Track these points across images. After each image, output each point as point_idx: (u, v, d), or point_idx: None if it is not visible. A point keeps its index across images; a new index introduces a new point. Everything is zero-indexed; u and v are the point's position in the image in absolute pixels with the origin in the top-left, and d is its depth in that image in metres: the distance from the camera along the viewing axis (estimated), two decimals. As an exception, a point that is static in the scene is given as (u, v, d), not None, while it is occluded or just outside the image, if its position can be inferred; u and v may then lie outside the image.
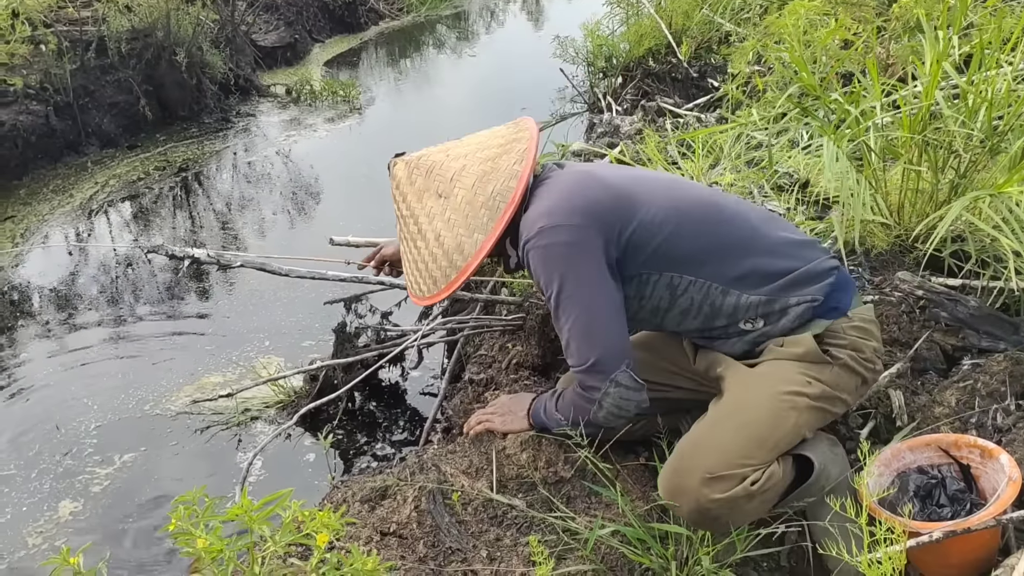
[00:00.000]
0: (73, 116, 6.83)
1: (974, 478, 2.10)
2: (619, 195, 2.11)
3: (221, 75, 8.03)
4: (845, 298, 2.14)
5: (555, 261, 2.04)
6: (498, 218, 2.10)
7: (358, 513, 2.13)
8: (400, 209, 2.26)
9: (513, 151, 2.18)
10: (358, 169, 6.50)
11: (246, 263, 2.66)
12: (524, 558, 2.01)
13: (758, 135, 3.70)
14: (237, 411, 3.53)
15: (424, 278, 2.21)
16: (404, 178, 2.25)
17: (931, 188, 2.91)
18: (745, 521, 2.01)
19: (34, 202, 6.05)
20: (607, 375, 2.05)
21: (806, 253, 2.15)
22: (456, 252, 2.13)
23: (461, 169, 2.17)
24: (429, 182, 2.20)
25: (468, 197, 2.13)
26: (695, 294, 2.11)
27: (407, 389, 3.69)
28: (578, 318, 2.05)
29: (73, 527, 3.02)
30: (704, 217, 2.14)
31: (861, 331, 2.12)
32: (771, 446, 1.98)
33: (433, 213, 2.17)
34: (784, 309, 2.09)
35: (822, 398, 2.04)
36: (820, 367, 2.06)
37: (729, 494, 1.91)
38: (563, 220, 2.04)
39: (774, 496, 2.01)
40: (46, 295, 4.80)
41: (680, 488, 1.96)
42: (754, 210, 2.27)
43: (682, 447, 2.02)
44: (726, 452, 1.95)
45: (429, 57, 10.44)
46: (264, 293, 4.58)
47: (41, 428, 3.56)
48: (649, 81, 6.06)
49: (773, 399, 2.01)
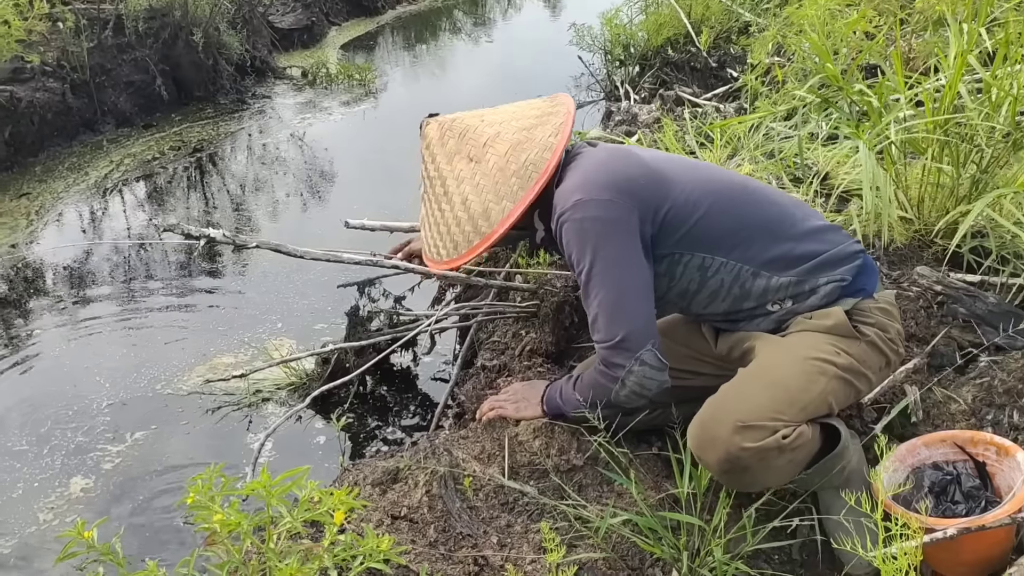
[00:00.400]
0: (89, 94, 6.84)
1: (989, 476, 2.08)
2: (655, 173, 2.11)
3: (237, 56, 8.02)
4: (871, 281, 2.14)
5: (589, 235, 2.03)
6: (529, 187, 2.08)
7: (369, 496, 2.12)
8: (428, 169, 2.24)
9: (549, 124, 2.16)
10: (372, 154, 6.49)
11: (261, 244, 2.66)
12: (535, 545, 2.00)
13: (776, 126, 3.67)
14: (248, 392, 3.53)
15: (445, 241, 2.18)
16: (436, 139, 2.22)
17: (952, 183, 2.89)
18: (772, 480, 2.00)
19: (49, 179, 6.06)
20: (632, 353, 2.03)
21: (833, 237, 2.16)
22: (482, 218, 2.11)
23: (495, 136, 2.15)
24: (461, 145, 2.18)
25: (500, 164, 2.11)
26: (725, 276, 2.11)
27: (418, 374, 3.69)
28: (608, 294, 2.03)
29: (84, 503, 3.03)
30: (737, 200, 2.14)
31: (886, 313, 2.12)
32: (801, 406, 1.96)
33: (462, 176, 2.15)
34: (813, 289, 2.10)
35: (849, 370, 2.03)
36: (849, 341, 2.06)
37: (761, 444, 1.89)
38: (599, 194, 2.03)
39: (803, 458, 1.99)
40: (60, 272, 4.82)
41: (710, 437, 1.94)
42: (782, 195, 2.27)
43: (711, 401, 2.00)
44: (758, 405, 1.93)
45: (445, 42, 10.41)
46: (277, 275, 4.58)
47: (53, 405, 3.57)
48: (668, 70, 6.04)
49: (803, 362, 2.01)
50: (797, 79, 3.68)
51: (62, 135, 6.62)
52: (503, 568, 1.92)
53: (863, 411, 2.39)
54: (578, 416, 2.21)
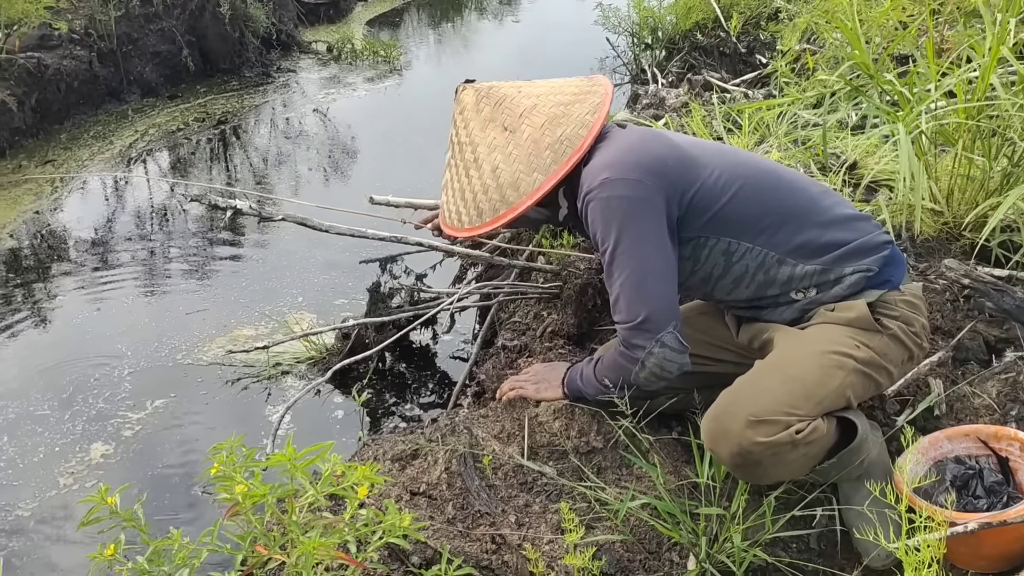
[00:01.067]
0: (116, 63, 6.86)
1: (1012, 471, 2.07)
2: (684, 156, 2.09)
3: (263, 29, 8.03)
4: (898, 272, 2.12)
5: (615, 214, 2.01)
6: (562, 162, 2.07)
7: (388, 471, 2.13)
8: (459, 135, 2.22)
9: (586, 102, 2.14)
10: (396, 131, 6.48)
11: (287, 216, 2.66)
12: (552, 525, 2.00)
13: (805, 114, 3.64)
14: (269, 364, 3.55)
15: (468, 208, 2.16)
16: (471, 104, 2.20)
17: (982, 176, 2.85)
18: (785, 474, 1.98)
19: (74, 147, 6.09)
20: (653, 334, 2.02)
21: (862, 226, 2.13)
22: (511, 187, 2.09)
23: (532, 107, 2.14)
24: (497, 113, 2.16)
25: (535, 136, 2.10)
26: (750, 262, 2.09)
27: (437, 352, 3.69)
28: (631, 274, 2.02)
29: (104, 469, 3.06)
30: (765, 185, 2.11)
31: (911, 306, 2.10)
32: (817, 401, 1.94)
33: (495, 145, 2.13)
34: (839, 278, 2.08)
35: (870, 364, 2.01)
36: (870, 334, 2.03)
37: (773, 439, 1.87)
38: (627, 174, 2.01)
39: (817, 453, 1.97)
40: (82, 240, 4.85)
41: (723, 430, 1.92)
42: (812, 182, 2.24)
43: (725, 394, 1.98)
44: (772, 399, 1.91)
45: (471, 21, 10.38)
46: (298, 250, 4.60)
47: (75, 371, 3.60)
48: (696, 54, 5.99)
49: (821, 356, 1.98)
50: (828, 67, 3.64)
51: (88, 103, 6.65)
52: (521, 547, 1.92)
53: (886, 403, 2.38)
54: (598, 399, 2.21)
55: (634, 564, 1.97)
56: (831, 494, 2.13)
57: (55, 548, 2.74)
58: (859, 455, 2.02)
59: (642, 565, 1.98)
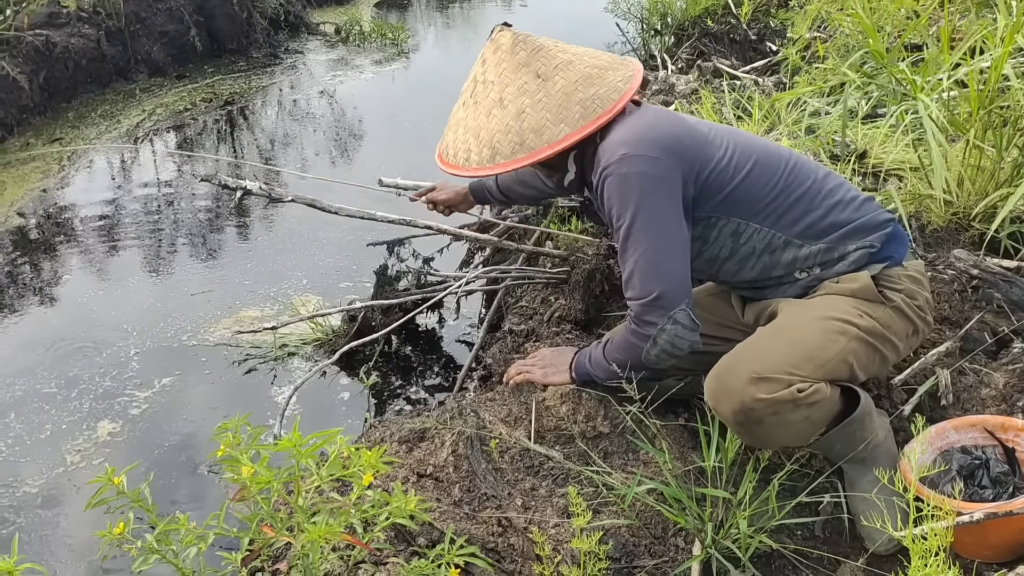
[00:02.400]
0: (124, 42, 6.85)
1: (1018, 462, 2.07)
2: (699, 136, 2.11)
3: (272, 10, 8.01)
4: (900, 250, 2.15)
5: (633, 190, 2.02)
6: (591, 119, 2.07)
7: (395, 453, 2.14)
8: (486, 73, 2.18)
9: (619, 71, 2.15)
10: (403, 114, 6.46)
11: (297, 198, 2.66)
12: (558, 509, 2.01)
13: (814, 102, 3.63)
14: (275, 346, 3.55)
15: (481, 146, 2.13)
16: (507, 46, 2.16)
17: (993, 166, 2.84)
18: (787, 437, 1.99)
19: (82, 126, 6.08)
20: (667, 311, 2.04)
21: (865, 206, 2.17)
22: (533, 133, 2.08)
23: (568, 62, 2.13)
24: (532, 59, 2.13)
25: (567, 88, 2.09)
26: (757, 243, 2.12)
27: (443, 336, 3.69)
28: (647, 251, 2.03)
29: (111, 447, 3.07)
30: (774, 167, 2.14)
31: (914, 280, 2.12)
32: (819, 363, 1.96)
33: (526, 89, 2.10)
34: (843, 256, 2.11)
35: (872, 333, 2.03)
36: (873, 305, 2.06)
37: (775, 396, 1.89)
38: (646, 151, 2.02)
39: (820, 417, 1.98)
40: (89, 219, 4.85)
41: (725, 387, 1.95)
42: (817, 166, 2.26)
43: (729, 355, 2.01)
44: (774, 358, 1.94)
45: (479, 5, 10.33)
46: (303, 233, 4.59)
47: (82, 350, 3.61)
48: (706, 41, 5.97)
49: (823, 321, 2.01)
50: (839, 55, 3.62)
51: (95, 82, 6.64)
52: (527, 530, 1.93)
53: (892, 392, 2.38)
54: (606, 384, 2.21)
55: (640, 549, 1.98)
56: (837, 480, 2.13)
57: (62, 525, 2.75)
58: (863, 430, 2.04)
59: (647, 550, 1.98)
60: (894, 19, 3.75)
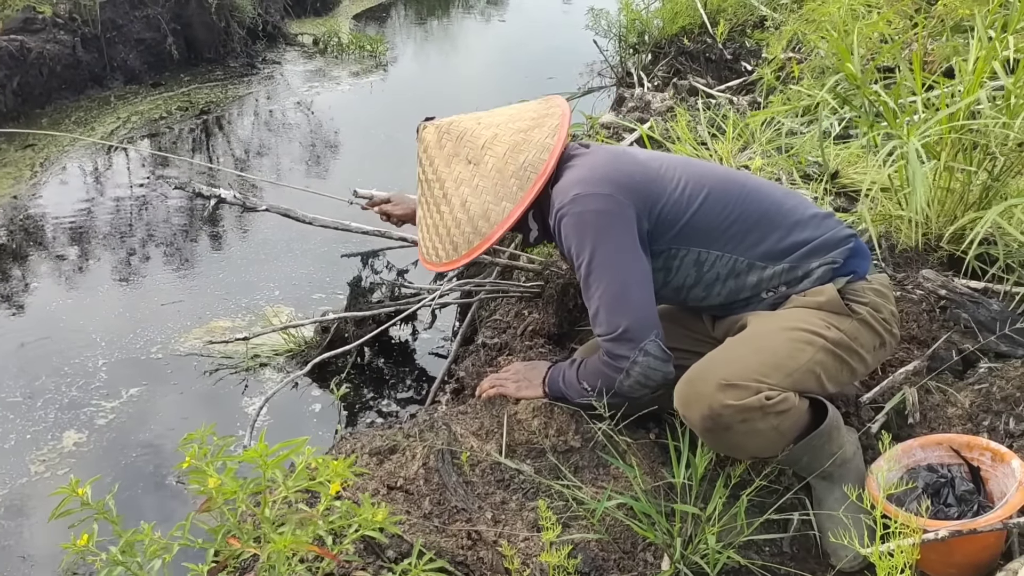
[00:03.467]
0: (100, 49, 6.81)
1: (983, 480, 2.09)
2: (650, 170, 2.15)
3: (250, 20, 8.00)
4: (863, 264, 2.18)
5: (588, 228, 2.05)
6: (528, 188, 2.11)
7: (366, 465, 2.13)
8: (425, 173, 2.26)
9: (545, 125, 2.19)
10: (379, 127, 6.46)
11: (271, 208, 2.65)
12: (528, 523, 2.01)
13: (789, 122, 3.67)
14: (247, 356, 3.53)
15: (444, 243, 2.20)
16: (433, 142, 2.24)
17: (962, 188, 2.88)
18: (756, 446, 2.00)
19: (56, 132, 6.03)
20: (636, 344, 2.06)
21: (825, 223, 2.19)
22: (482, 219, 2.13)
23: (493, 138, 2.18)
24: (459, 147, 2.20)
25: (499, 165, 2.14)
26: (721, 269, 2.14)
27: (416, 349, 3.69)
28: (609, 286, 2.05)
29: (76, 457, 3.03)
30: (730, 193, 2.16)
31: (879, 294, 2.15)
32: (786, 372, 1.98)
33: (461, 179, 2.17)
34: (807, 273, 2.13)
35: (839, 345, 2.05)
36: (840, 317, 2.08)
37: (743, 402, 1.91)
38: (598, 188, 2.06)
39: (789, 427, 2.00)
40: (60, 227, 4.80)
41: (694, 393, 1.97)
42: (774, 186, 2.30)
43: (699, 362, 2.03)
44: (743, 366, 1.96)
45: (458, 19, 10.37)
46: (276, 243, 4.58)
47: (48, 359, 3.57)
48: (682, 59, 6.02)
49: (791, 332, 2.04)
50: (814, 76, 3.66)
51: (70, 88, 6.59)
52: (496, 544, 1.93)
53: (861, 410, 2.40)
54: (579, 402, 2.22)
55: (608, 563, 1.98)
56: (805, 496, 2.14)
57: (25, 536, 2.71)
58: (830, 443, 2.05)
59: (617, 564, 1.98)
60: (868, 42, 3.80)
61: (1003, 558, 2.00)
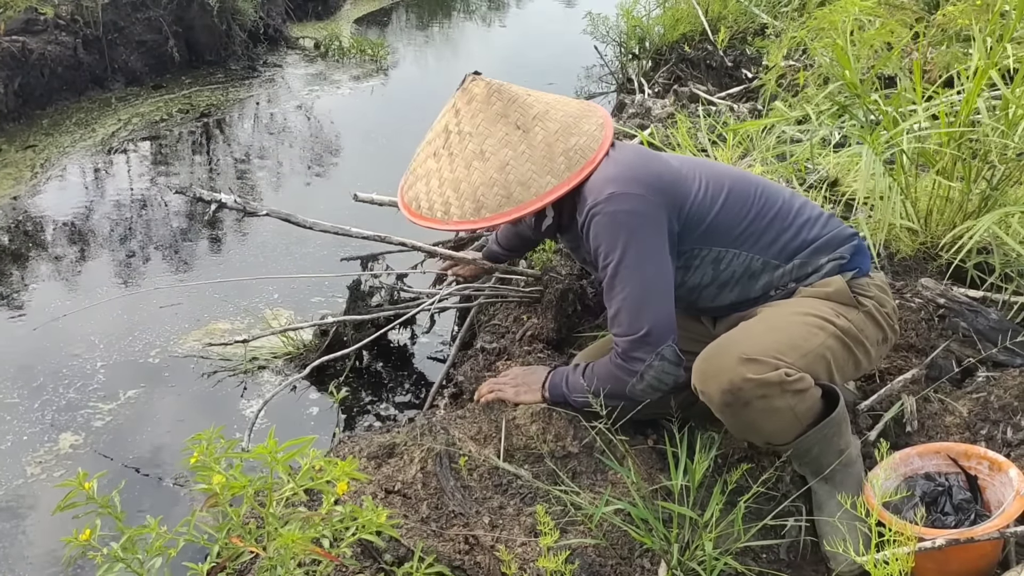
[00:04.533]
0: (101, 51, 6.82)
1: (980, 489, 2.09)
2: (676, 172, 2.16)
3: (251, 23, 8.01)
4: (866, 262, 2.23)
5: (621, 228, 2.05)
6: (576, 170, 2.09)
7: (364, 469, 2.13)
8: (461, 124, 2.15)
9: (591, 119, 2.19)
10: (379, 130, 6.46)
11: (271, 212, 2.65)
12: (526, 527, 2.01)
13: (789, 129, 3.67)
14: (245, 359, 3.53)
15: (463, 200, 2.10)
16: (482, 96, 2.15)
17: (961, 197, 2.89)
18: (772, 426, 2.01)
19: (56, 133, 6.04)
20: (655, 347, 2.07)
21: (831, 222, 2.25)
22: (519, 185, 2.07)
23: (544, 112, 2.15)
24: (510, 110, 2.13)
25: (548, 140, 2.11)
26: (736, 267, 2.17)
27: (415, 353, 3.69)
28: (635, 288, 2.06)
29: (73, 459, 3.03)
30: (746, 193, 2.20)
31: (882, 290, 2.21)
32: (801, 353, 2.01)
33: (508, 141, 2.10)
34: (816, 269, 2.18)
35: (848, 334, 2.09)
36: (848, 308, 2.13)
37: (764, 376, 1.93)
38: (632, 188, 2.06)
39: (804, 411, 2.01)
40: (60, 228, 4.80)
41: (715, 367, 1.99)
42: (782, 187, 2.34)
43: (717, 341, 2.06)
44: (762, 343, 1.99)
45: (459, 24, 10.38)
46: (276, 247, 4.57)
47: (47, 361, 3.57)
48: (683, 66, 6.03)
49: (803, 316, 2.08)
50: (816, 84, 3.67)
51: (71, 90, 6.60)
52: (494, 548, 1.93)
53: (859, 417, 2.40)
54: (581, 407, 2.22)
55: (606, 569, 1.98)
56: (802, 504, 2.15)
57: (20, 538, 2.71)
58: (839, 436, 2.08)
59: (614, 570, 1.98)
60: (869, 51, 3.81)
61: (1000, 567, 2.00)
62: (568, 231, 2.28)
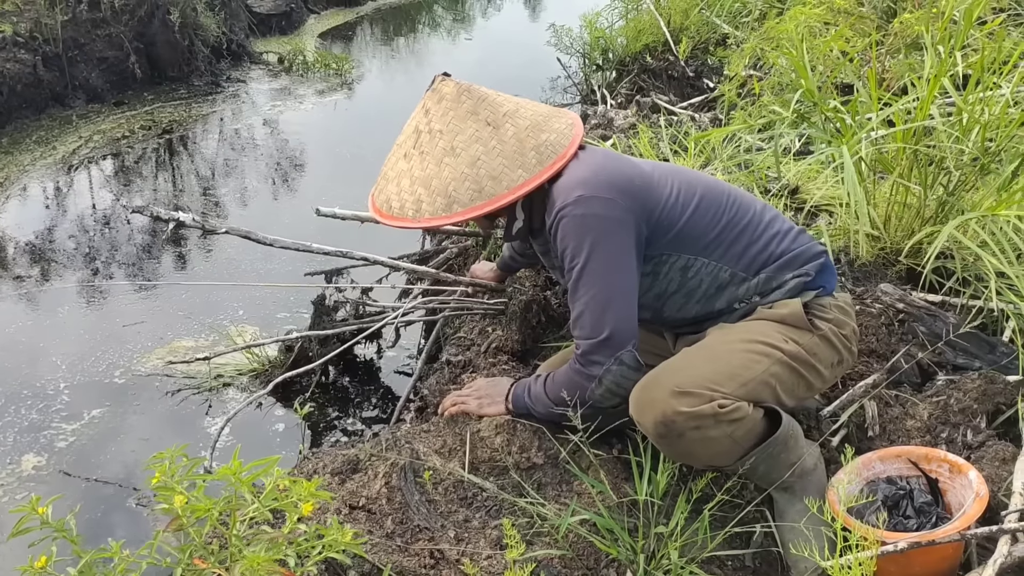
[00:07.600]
0: (61, 68, 6.75)
1: (941, 492, 2.12)
2: (647, 176, 2.16)
3: (214, 38, 7.95)
4: (831, 281, 2.23)
5: (588, 231, 2.05)
6: (547, 165, 2.10)
7: (328, 485, 2.11)
8: (431, 123, 2.16)
9: (562, 119, 2.20)
10: (344, 145, 6.44)
11: (231, 230, 2.63)
12: (492, 540, 2.00)
13: (750, 138, 3.71)
14: (209, 376, 3.50)
15: (435, 195, 2.10)
16: (452, 96, 2.17)
17: (919, 203, 2.93)
18: (710, 453, 2.01)
19: (16, 152, 5.96)
20: (614, 351, 2.07)
21: (800, 238, 2.25)
22: (490, 179, 2.08)
23: (514, 111, 2.16)
24: (479, 107, 2.15)
25: (519, 135, 2.11)
26: (704, 276, 2.17)
27: (381, 367, 3.67)
28: (599, 292, 2.06)
29: (35, 481, 2.98)
30: (718, 202, 2.19)
31: (843, 311, 2.20)
32: (740, 382, 2.01)
33: (479, 136, 2.11)
34: (780, 284, 2.17)
35: (797, 359, 2.09)
36: (800, 331, 2.12)
37: (696, 409, 1.93)
38: (601, 192, 2.06)
39: (743, 436, 2.01)
40: (20, 247, 4.74)
41: (648, 399, 1.99)
42: (753, 198, 2.33)
43: (654, 370, 2.05)
44: (697, 374, 1.99)
45: (424, 37, 10.38)
46: (240, 263, 4.55)
47: (7, 381, 3.52)
48: (645, 77, 6.06)
49: (747, 343, 2.07)
50: (773, 92, 3.71)
51: (31, 107, 6.52)
52: (459, 562, 1.92)
53: (821, 424, 2.42)
54: (544, 417, 2.22)
55: (572, 580, 1.98)
56: (767, 510, 2.16)
57: (-18, 561, 2.67)
58: (787, 452, 2.07)
59: (580, 581, 1.98)
60: (826, 59, 3.86)
61: (962, 569, 2.03)
62: (539, 235, 2.28)
